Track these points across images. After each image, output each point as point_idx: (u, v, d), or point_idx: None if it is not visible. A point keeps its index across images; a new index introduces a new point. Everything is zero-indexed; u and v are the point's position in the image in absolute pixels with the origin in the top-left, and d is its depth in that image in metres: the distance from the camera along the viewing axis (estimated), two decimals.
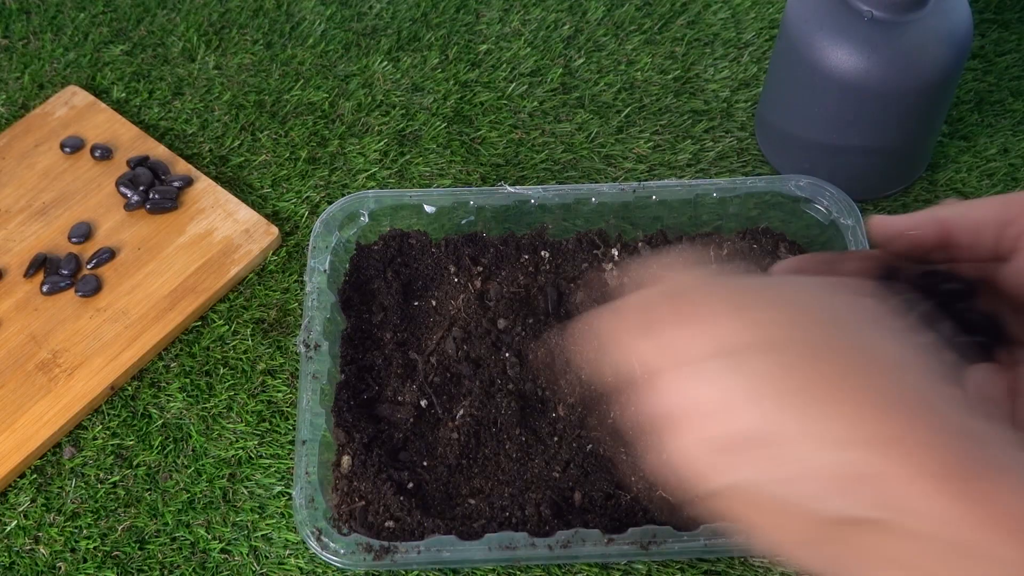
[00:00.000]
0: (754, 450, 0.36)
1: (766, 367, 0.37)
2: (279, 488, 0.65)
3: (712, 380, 0.37)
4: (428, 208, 0.71)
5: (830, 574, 0.37)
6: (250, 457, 0.67)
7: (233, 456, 0.67)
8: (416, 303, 0.70)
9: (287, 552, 0.63)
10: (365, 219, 0.71)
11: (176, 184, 0.76)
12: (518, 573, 0.62)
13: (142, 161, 0.77)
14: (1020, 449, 0.35)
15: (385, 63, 0.85)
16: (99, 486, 0.66)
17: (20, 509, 0.65)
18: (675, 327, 0.39)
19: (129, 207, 0.75)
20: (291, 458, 0.66)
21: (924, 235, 0.49)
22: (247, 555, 0.63)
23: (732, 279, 0.41)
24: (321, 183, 0.78)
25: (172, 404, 0.69)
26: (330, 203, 0.74)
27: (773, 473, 0.36)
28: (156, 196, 0.75)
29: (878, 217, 0.50)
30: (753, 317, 0.38)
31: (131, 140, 0.79)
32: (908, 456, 0.34)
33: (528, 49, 0.85)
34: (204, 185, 0.77)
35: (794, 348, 0.37)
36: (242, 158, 0.80)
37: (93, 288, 0.72)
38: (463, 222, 0.72)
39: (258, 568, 0.63)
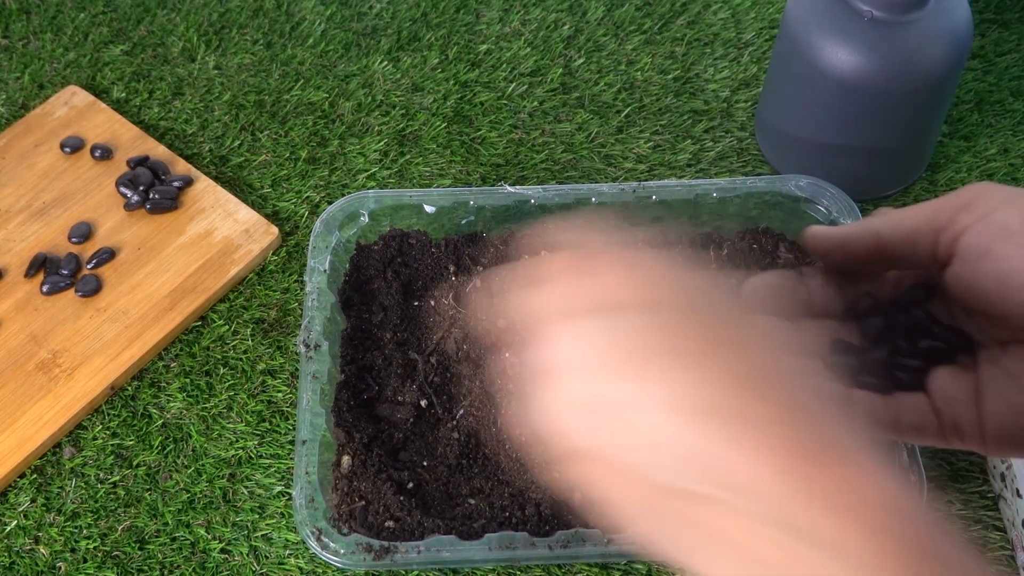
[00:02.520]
0: (611, 412, 0.36)
1: (639, 327, 0.36)
2: (279, 488, 0.65)
3: (587, 335, 0.37)
4: (428, 208, 0.71)
5: (669, 551, 0.36)
6: (250, 457, 0.67)
7: (233, 456, 0.67)
8: (416, 303, 0.70)
9: (287, 552, 0.63)
10: (365, 219, 0.71)
11: (176, 184, 0.76)
12: (518, 573, 0.62)
13: (142, 161, 0.77)
14: (869, 443, 0.34)
15: (385, 63, 0.85)
16: (99, 486, 0.66)
17: (20, 509, 0.65)
18: (564, 280, 0.39)
19: (129, 207, 0.75)
20: (291, 458, 0.66)
21: (859, 247, 0.49)
22: (247, 555, 0.63)
23: (630, 246, 0.40)
24: (321, 183, 0.78)
25: (172, 404, 0.69)
26: (330, 203, 0.74)
27: (625, 438, 0.35)
28: (156, 196, 0.75)
29: (812, 229, 0.50)
30: (640, 276, 0.38)
31: (131, 140, 0.79)
32: (750, 431, 0.33)
33: (528, 49, 0.85)
34: (204, 185, 0.77)
35: (670, 313, 0.37)
36: (242, 158, 0.80)
37: (93, 288, 0.72)
38: (463, 222, 0.72)
39: (258, 568, 0.63)
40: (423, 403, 0.66)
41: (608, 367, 0.36)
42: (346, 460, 0.63)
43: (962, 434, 0.47)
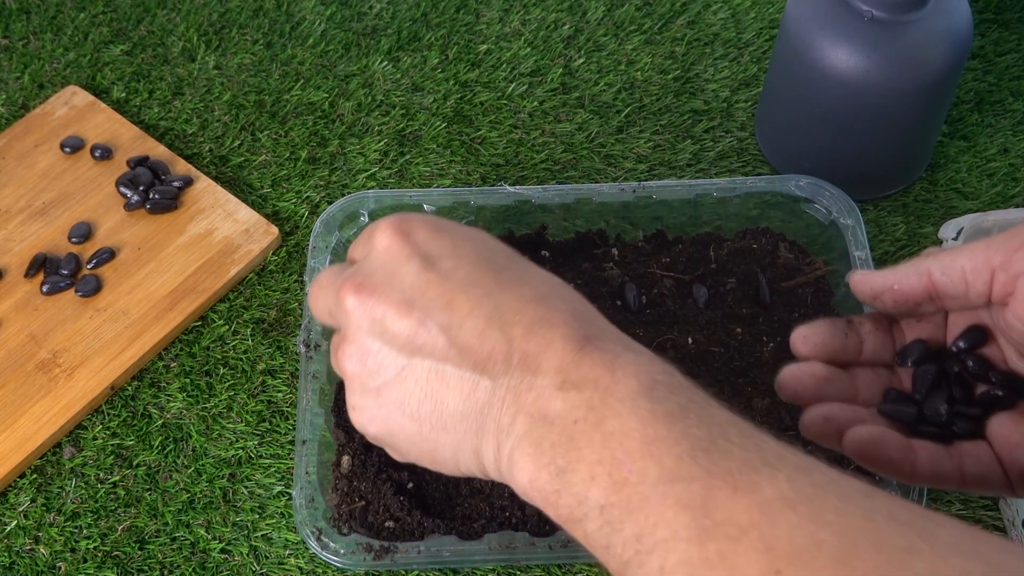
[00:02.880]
0: (439, 334, 0.44)
1: (453, 267, 0.45)
2: (279, 488, 0.65)
3: (413, 272, 0.45)
4: (428, 208, 0.71)
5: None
6: (250, 457, 0.67)
7: (233, 456, 0.67)
8: None
9: (287, 552, 0.63)
10: (365, 219, 0.71)
11: (176, 184, 0.76)
12: (518, 573, 0.62)
13: (142, 161, 0.77)
14: (617, 332, 0.45)
15: (385, 63, 0.85)
16: (99, 486, 0.66)
17: (20, 509, 0.65)
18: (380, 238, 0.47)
19: (129, 207, 0.75)
20: (291, 458, 0.66)
21: (910, 290, 0.49)
22: (247, 555, 0.63)
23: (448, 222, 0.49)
24: (321, 183, 0.78)
25: (172, 404, 0.69)
26: (330, 203, 0.74)
27: (453, 350, 0.44)
28: (156, 196, 0.75)
29: (860, 274, 0.50)
30: (451, 235, 0.47)
31: (131, 140, 0.79)
32: (550, 329, 0.43)
33: (528, 49, 0.85)
34: (204, 185, 0.77)
35: (478, 257, 0.46)
36: (242, 158, 0.80)
37: (93, 288, 0.72)
38: (463, 222, 0.72)
39: (258, 568, 0.63)
40: None
41: (430, 295, 0.44)
42: (346, 460, 0.63)
43: None
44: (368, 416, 0.47)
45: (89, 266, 0.73)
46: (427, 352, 0.44)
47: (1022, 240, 0.46)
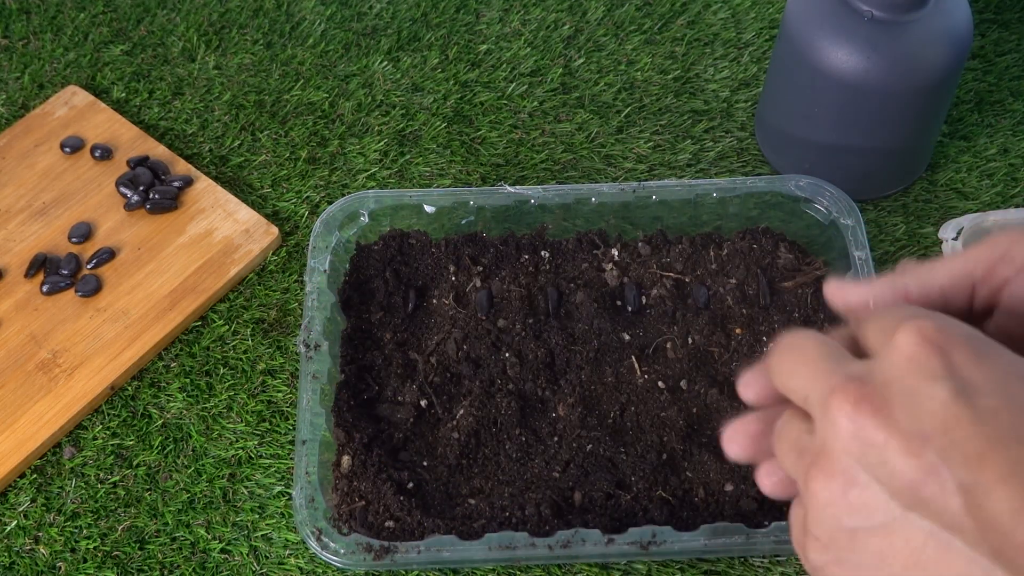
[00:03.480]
0: (954, 491, 0.34)
1: (997, 409, 0.34)
2: (279, 488, 0.65)
3: (939, 399, 0.35)
4: (428, 208, 0.71)
5: None
6: (250, 457, 0.67)
7: (233, 456, 0.67)
8: (416, 303, 0.70)
9: (287, 552, 0.63)
10: (365, 219, 0.71)
11: (176, 184, 0.76)
12: (518, 573, 0.62)
13: (142, 161, 0.77)
14: None
15: (385, 63, 0.85)
16: (99, 486, 0.66)
17: (20, 509, 0.65)
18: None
19: (129, 207, 0.75)
20: (291, 458, 0.66)
21: (886, 305, 0.45)
22: (247, 555, 0.63)
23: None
24: (321, 183, 0.78)
25: (172, 404, 0.69)
26: (330, 203, 0.74)
27: (968, 519, 0.34)
28: (156, 196, 0.75)
29: (835, 284, 0.46)
30: (1001, 366, 0.36)
31: (131, 140, 0.79)
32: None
33: (528, 49, 0.85)
34: (204, 185, 0.77)
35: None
36: (242, 158, 0.80)
37: (93, 288, 0.72)
38: (463, 222, 0.72)
39: (258, 568, 0.63)
40: (423, 403, 0.66)
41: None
42: (346, 460, 0.63)
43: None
44: (831, 557, 0.38)
45: (89, 266, 0.73)
46: (932, 511, 0.34)
47: (1000, 252, 0.45)
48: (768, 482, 0.44)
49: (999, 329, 0.45)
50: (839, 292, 0.46)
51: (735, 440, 0.45)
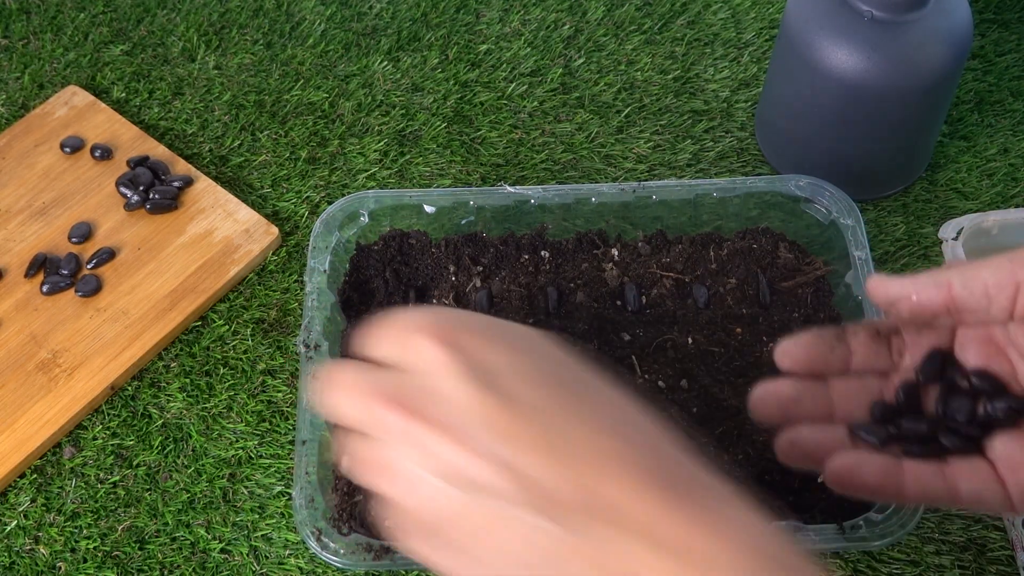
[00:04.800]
0: (500, 471, 0.38)
1: (512, 387, 0.39)
2: (279, 488, 0.65)
3: (465, 392, 0.39)
4: (428, 208, 0.71)
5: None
6: (250, 457, 0.67)
7: (233, 456, 0.67)
8: (416, 303, 0.70)
9: (287, 552, 0.63)
10: (365, 219, 0.71)
11: (176, 184, 0.76)
12: None
13: (142, 161, 0.77)
14: (707, 471, 0.39)
15: (385, 63, 0.85)
16: (99, 486, 0.66)
17: (20, 509, 0.65)
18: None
19: (129, 207, 0.75)
20: (291, 458, 0.66)
21: (928, 301, 0.47)
22: (247, 555, 0.63)
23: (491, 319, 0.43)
24: (321, 183, 0.78)
25: (172, 404, 0.69)
26: (330, 203, 0.74)
27: (520, 494, 0.38)
28: (156, 196, 0.75)
29: (877, 278, 0.48)
30: (507, 345, 0.41)
31: (131, 140, 0.79)
32: (627, 469, 0.38)
33: (528, 49, 0.85)
34: (204, 185, 0.77)
35: (540, 374, 0.40)
36: (242, 158, 0.80)
37: (93, 288, 0.72)
38: (463, 222, 0.72)
39: (258, 568, 0.63)
40: None
41: (491, 421, 0.39)
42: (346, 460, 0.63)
43: None
44: (419, 551, 0.41)
45: (89, 266, 0.73)
46: (486, 489, 0.38)
47: None
48: (786, 450, 0.48)
49: None
50: (881, 286, 0.47)
51: (764, 400, 0.48)
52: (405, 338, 0.41)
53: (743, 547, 0.36)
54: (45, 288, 0.72)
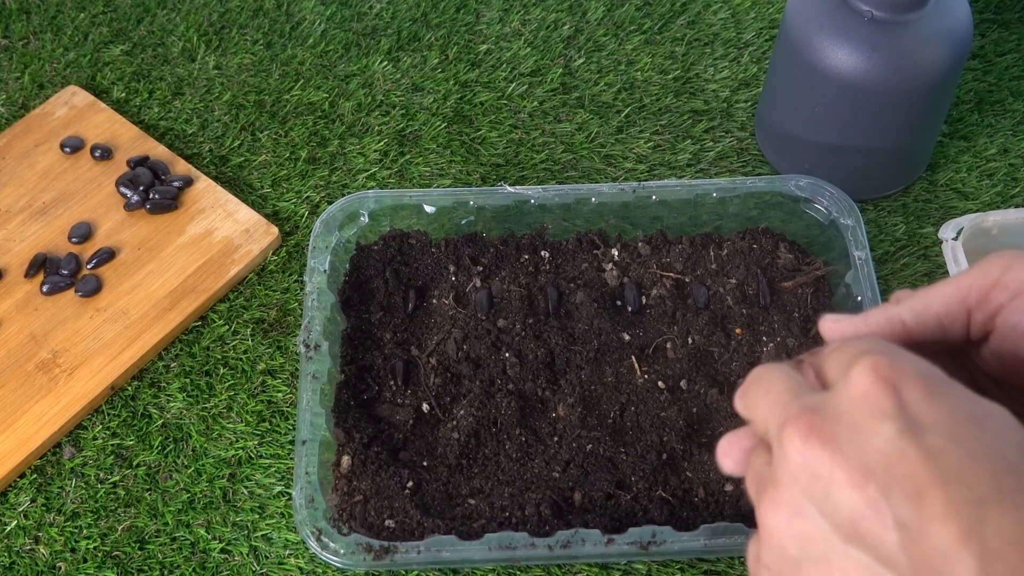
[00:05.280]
0: (893, 527, 0.34)
1: (942, 448, 0.35)
2: (279, 488, 0.65)
3: (886, 436, 0.35)
4: (428, 208, 0.71)
5: None
6: (250, 457, 0.67)
7: (233, 456, 0.67)
8: (416, 303, 0.70)
9: (287, 552, 0.63)
10: (365, 219, 0.71)
11: (176, 184, 0.76)
12: (518, 573, 0.62)
13: (142, 161, 0.77)
14: None
15: (385, 63, 0.85)
16: (99, 486, 0.66)
17: (20, 509, 0.65)
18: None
19: (129, 207, 0.75)
20: (291, 458, 0.66)
21: (882, 337, 0.45)
22: (247, 555, 0.63)
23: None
24: (321, 183, 0.78)
25: (172, 404, 0.69)
26: (330, 203, 0.74)
27: (904, 556, 0.34)
28: (156, 196, 0.75)
29: (830, 319, 0.46)
30: (950, 405, 0.36)
31: (131, 140, 0.79)
32: None
33: (528, 49, 0.85)
34: (204, 185, 0.77)
35: (980, 445, 0.35)
36: (242, 158, 0.80)
37: (93, 288, 0.72)
38: (463, 222, 0.72)
39: (258, 568, 0.63)
40: (423, 403, 0.66)
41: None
42: (346, 460, 0.63)
43: None
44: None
45: (89, 266, 0.73)
46: (869, 545, 0.35)
47: (994, 278, 0.45)
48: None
49: (994, 355, 0.45)
50: (835, 327, 0.46)
51: (729, 455, 0.45)
52: (848, 361, 0.38)
53: None
54: (45, 288, 0.72)
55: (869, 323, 0.46)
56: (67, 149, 0.78)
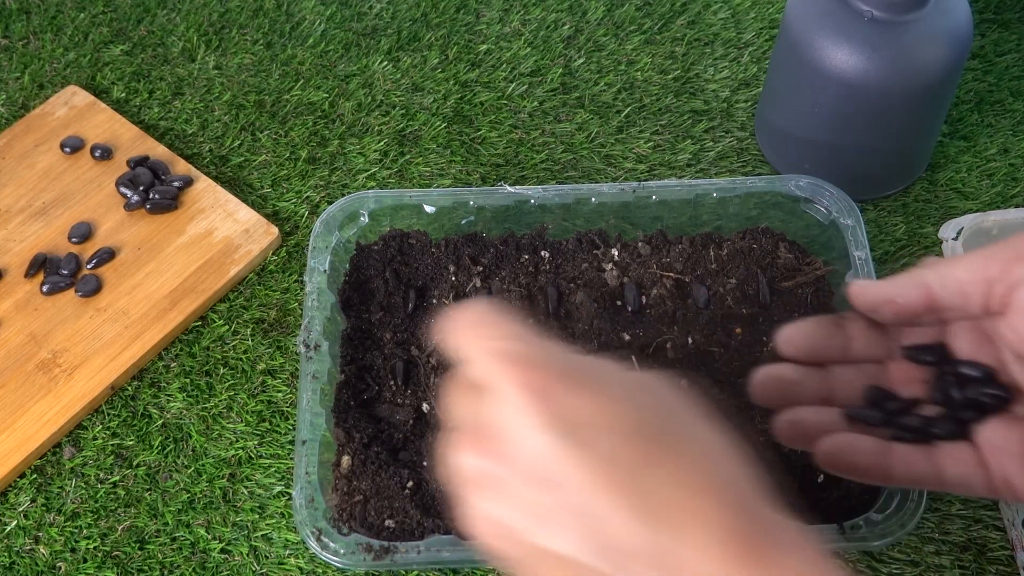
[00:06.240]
0: (573, 520, 0.38)
1: (595, 438, 0.38)
2: (279, 488, 0.65)
3: (545, 442, 0.39)
4: (428, 208, 0.71)
5: None
6: (250, 457, 0.67)
7: (233, 456, 0.67)
8: (416, 303, 0.70)
9: (287, 552, 0.63)
10: (365, 219, 0.71)
11: (176, 184, 0.76)
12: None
13: (142, 161, 0.77)
14: (793, 530, 0.39)
15: (385, 63, 0.85)
16: (99, 486, 0.66)
17: (20, 509, 0.65)
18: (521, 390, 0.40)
19: (129, 207, 0.75)
20: (291, 458, 0.66)
21: (908, 303, 0.49)
22: (247, 555, 0.63)
23: (573, 355, 0.42)
24: (321, 183, 0.78)
25: (172, 404, 0.69)
26: (330, 203, 0.74)
27: (590, 543, 0.38)
28: (156, 196, 0.75)
29: (857, 284, 0.50)
30: (594, 393, 0.40)
31: (131, 140, 0.79)
32: (706, 528, 0.37)
33: (528, 49, 0.85)
34: (204, 185, 0.77)
35: (627, 424, 0.39)
36: (242, 158, 0.80)
37: (93, 288, 0.72)
38: (463, 222, 0.72)
39: (258, 568, 0.63)
40: (423, 404, 0.66)
41: (571, 479, 0.38)
42: (346, 460, 0.63)
43: (1013, 487, 0.47)
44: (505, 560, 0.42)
45: (89, 266, 0.73)
46: (559, 539, 0.38)
47: (1017, 251, 0.46)
48: (785, 429, 0.49)
49: (1012, 329, 0.45)
50: (863, 292, 0.49)
51: (766, 383, 0.50)
52: (494, 367, 0.41)
53: None
54: (45, 288, 0.72)
55: (896, 286, 0.48)
56: (67, 149, 0.78)
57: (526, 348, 0.41)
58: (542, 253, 0.71)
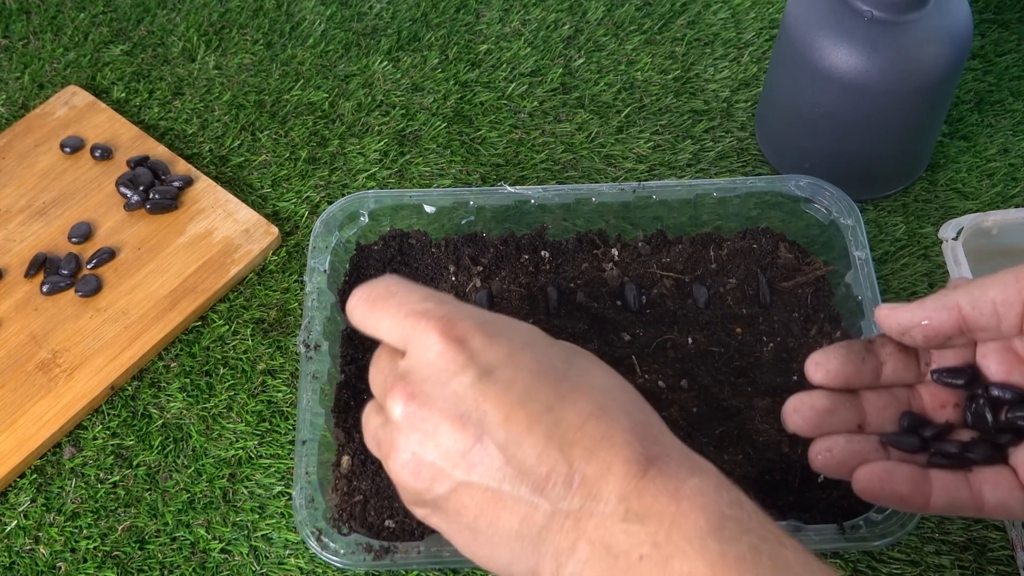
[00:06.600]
0: (495, 451, 0.43)
1: (511, 378, 0.43)
2: (279, 488, 0.65)
3: (467, 383, 0.43)
4: (428, 208, 0.71)
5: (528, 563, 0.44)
6: (250, 457, 0.67)
7: (233, 456, 0.67)
8: None
9: (287, 552, 0.63)
10: (365, 219, 0.71)
11: (176, 184, 0.76)
12: None
13: (142, 161, 0.77)
14: (688, 451, 0.44)
15: (385, 63, 0.85)
16: (99, 486, 0.66)
17: (20, 509, 0.65)
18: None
19: (129, 207, 0.75)
20: (291, 458, 0.66)
21: (939, 325, 0.48)
22: (247, 555, 0.63)
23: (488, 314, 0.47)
24: (321, 183, 0.78)
25: (172, 404, 0.69)
26: (330, 203, 0.74)
27: (510, 471, 0.43)
28: (156, 196, 0.75)
29: (886, 308, 0.49)
30: (507, 340, 0.45)
31: (131, 140, 0.79)
32: (613, 449, 0.42)
33: (528, 49, 0.85)
34: (204, 185, 0.77)
35: (537, 365, 0.44)
36: (242, 158, 0.80)
37: (93, 288, 0.72)
38: (463, 222, 0.72)
39: (258, 568, 0.63)
40: None
41: (484, 413, 0.43)
42: (346, 460, 0.63)
43: None
44: (423, 517, 0.47)
45: (89, 266, 0.73)
46: (483, 470, 0.43)
47: None
48: (820, 459, 0.50)
49: None
50: (892, 315, 0.49)
51: (800, 412, 0.51)
52: (411, 324, 0.45)
53: (706, 511, 0.40)
54: (45, 288, 0.72)
55: (926, 308, 0.48)
56: (67, 149, 0.78)
57: (441, 306, 0.45)
58: (542, 253, 0.71)
